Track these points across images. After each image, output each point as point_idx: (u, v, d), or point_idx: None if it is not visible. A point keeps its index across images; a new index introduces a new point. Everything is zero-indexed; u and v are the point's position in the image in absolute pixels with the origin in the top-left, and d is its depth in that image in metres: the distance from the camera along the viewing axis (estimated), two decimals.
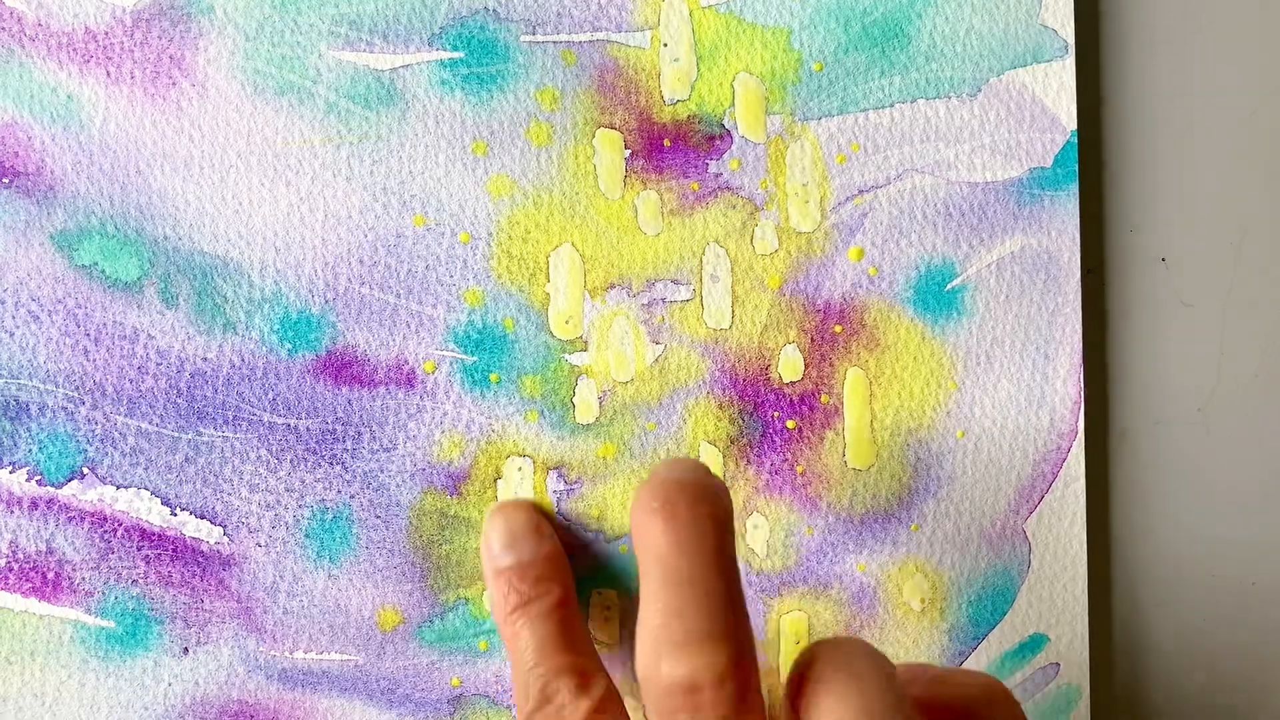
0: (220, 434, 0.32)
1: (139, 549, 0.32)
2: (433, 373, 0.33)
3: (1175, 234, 0.35)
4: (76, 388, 0.32)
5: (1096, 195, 0.35)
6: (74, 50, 0.31)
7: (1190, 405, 0.35)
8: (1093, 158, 0.35)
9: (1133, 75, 0.35)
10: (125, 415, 0.32)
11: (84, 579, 0.32)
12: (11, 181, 0.32)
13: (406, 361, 0.33)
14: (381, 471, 0.33)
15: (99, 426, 0.32)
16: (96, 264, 0.32)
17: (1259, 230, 0.35)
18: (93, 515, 0.32)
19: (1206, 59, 0.35)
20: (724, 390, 0.33)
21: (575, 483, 0.33)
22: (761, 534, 0.33)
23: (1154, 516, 0.35)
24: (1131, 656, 0.36)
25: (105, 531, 0.32)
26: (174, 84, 0.32)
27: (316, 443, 0.33)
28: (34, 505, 0.32)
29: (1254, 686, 0.36)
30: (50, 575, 0.32)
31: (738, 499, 0.33)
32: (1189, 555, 0.36)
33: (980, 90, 0.33)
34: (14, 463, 0.32)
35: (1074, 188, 0.34)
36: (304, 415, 0.32)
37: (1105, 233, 0.35)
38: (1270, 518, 0.36)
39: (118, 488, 0.32)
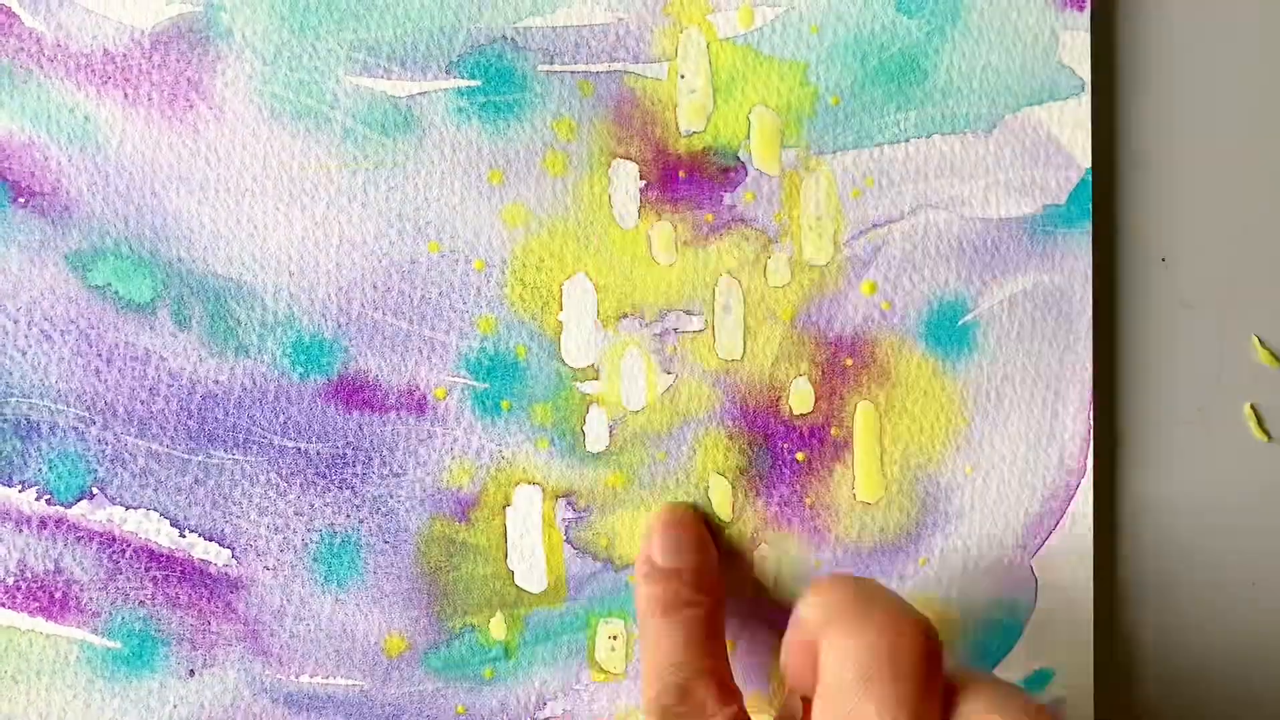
0: (230, 456, 0.32)
1: (147, 570, 0.32)
2: (444, 399, 0.33)
3: (1175, 234, 0.35)
4: (87, 408, 0.32)
5: (1109, 232, 0.35)
6: (92, 71, 0.31)
7: (1190, 405, 0.35)
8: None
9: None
10: (135, 436, 0.32)
11: (91, 599, 0.32)
12: (27, 201, 0.32)
13: (418, 387, 0.33)
14: (390, 497, 0.33)
15: (109, 447, 0.32)
16: (110, 285, 0.32)
17: (1259, 230, 0.35)
18: (101, 535, 0.32)
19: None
20: (734, 421, 0.33)
21: (584, 511, 0.33)
22: (769, 566, 0.33)
23: (1157, 530, 0.35)
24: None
25: (113, 552, 0.32)
26: (191, 106, 0.32)
27: (326, 467, 0.33)
28: (43, 524, 0.32)
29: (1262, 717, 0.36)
30: (58, 595, 0.32)
31: (746, 530, 0.33)
32: (1194, 580, 0.36)
33: (996, 126, 0.33)
34: (24, 481, 0.32)
35: (1087, 225, 0.34)
36: (314, 439, 0.32)
37: (1107, 233, 0.35)
38: (1272, 520, 0.36)
39: (127, 508, 0.32)
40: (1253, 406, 0.35)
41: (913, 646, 0.26)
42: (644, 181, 0.33)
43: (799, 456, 0.33)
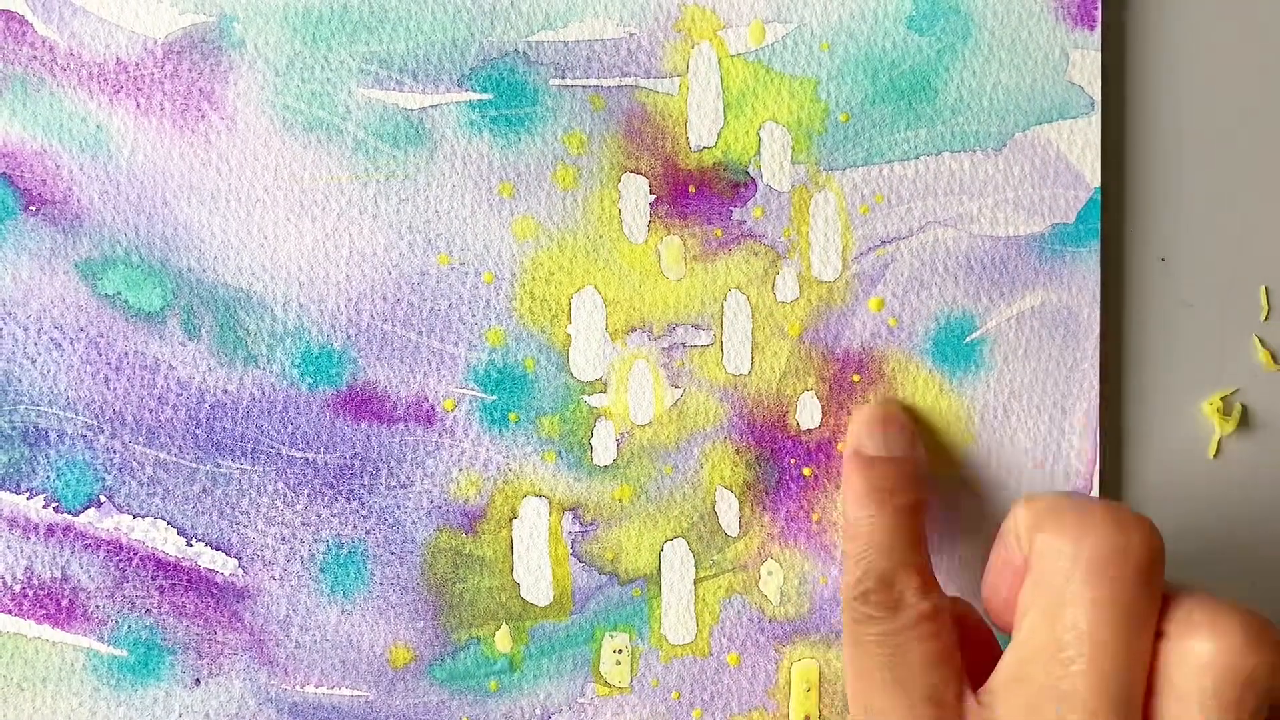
0: (238, 466, 0.32)
1: (153, 578, 0.32)
2: (452, 410, 0.33)
3: (1175, 234, 0.35)
4: (96, 416, 0.32)
5: (1109, 233, 0.35)
6: (105, 80, 0.32)
7: (1190, 405, 0.35)
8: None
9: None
10: (144, 445, 0.32)
11: (98, 607, 0.32)
12: (38, 209, 0.32)
13: (426, 399, 0.33)
14: (398, 508, 0.33)
15: (117, 455, 0.32)
16: (120, 293, 0.32)
17: (1259, 230, 0.35)
18: (108, 544, 0.32)
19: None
20: (741, 436, 0.33)
21: (591, 524, 0.33)
22: (775, 581, 0.34)
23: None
24: None
25: (120, 560, 0.32)
26: (203, 117, 0.32)
27: (334, 477, 0.33)
28: (50, 532, 0.32)
29: None
30: (64, 602, 0.32)
31: (752, 545, 0.33)
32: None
33: (1005, 145, 0.33)
34: (32, 489, 0.32)
35: (1096, 244, 0.34)
36: (322, 450, 0.33)
37: (1107, 233, 0.35)
38: (1271, 522, 0.36)
39: (134, 517, 0.32)
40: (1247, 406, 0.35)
41: (1134, 547, 0.26)
42: (654, 196, 0.33)
43: (806, 472, 0.34)
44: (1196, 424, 0.35)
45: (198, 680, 0.32)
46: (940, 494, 0.34)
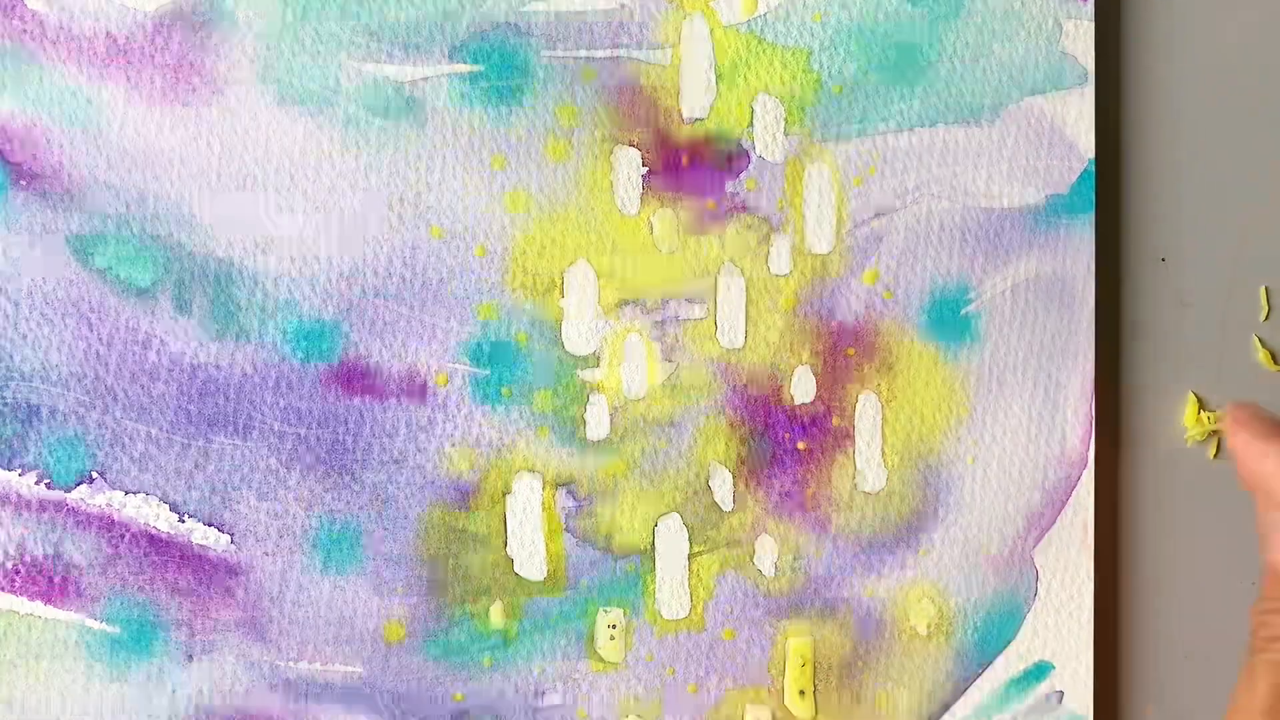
0: (230, 442, 0.32)
1: (146, 555, 0.32)
2: (444, 385, 0.33)
3: (1175, 234, 0.35)
4: (88, 392, 0.32)
5: (1110, 230, 0.35)
6: (94, 54, 0.31)
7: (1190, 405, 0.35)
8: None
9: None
10: (135, 420, 0.32)
11: (90, 583, 0.32)
12: (29, 184, 0.32)
13: (418, 373, 0.33)
14: (390, 483, 0.33)
15: (109, 431, 0.32)
16: (111, 269, 0.32)
17: (1259, 230, 0.35)
18: (100, 520, 0.32)
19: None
20: (735, 410, 0.33)
21: (584, 500, 0.33)
22: (770, 555, 0.33)
23: (1159, 532, 0.35)
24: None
25: (113, 536, 0.32)
26: (193, 90, 0.32)
27: (326, 453, 0.32)
28: (42, 508, 0.32)
29: None
30: (57, 579, 0.32)
31: (746, 520, 0.33)
32: (1194, 578, 0.36)
33: (999, 116, 0.33)
34: (23, 465, 0.32)
35: (1090, 215, 0.34)
36: (314, 425, 0.32)
37: (1108, 231, 0.35)
38: None
39: (126, 493, 0.32)
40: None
41: None
42: (646, 168, 0.33)
43: (800, 446, 0.33)
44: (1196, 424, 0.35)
45: (191, 656, 0.32)
46: (935, 468, 0.34)
